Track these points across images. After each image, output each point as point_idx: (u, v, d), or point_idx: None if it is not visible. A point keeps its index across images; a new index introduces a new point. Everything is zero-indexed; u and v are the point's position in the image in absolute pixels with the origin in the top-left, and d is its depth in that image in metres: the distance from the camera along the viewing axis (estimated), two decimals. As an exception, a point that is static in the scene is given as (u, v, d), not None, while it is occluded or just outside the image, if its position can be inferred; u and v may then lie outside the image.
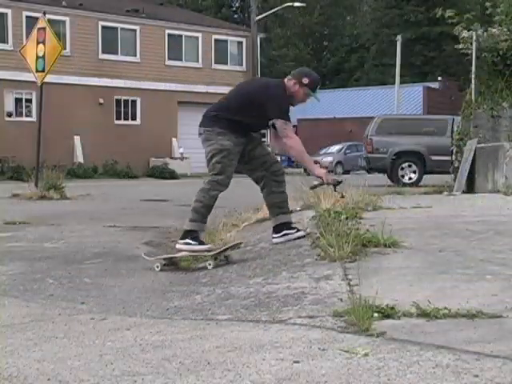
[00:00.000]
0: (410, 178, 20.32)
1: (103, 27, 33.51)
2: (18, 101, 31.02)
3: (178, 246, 6.07)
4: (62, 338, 3.70)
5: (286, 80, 6.17)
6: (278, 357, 3.10)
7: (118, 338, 3.63)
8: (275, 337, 3.45)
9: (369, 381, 2.75)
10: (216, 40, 37.59)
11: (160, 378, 2.91)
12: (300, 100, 6.22)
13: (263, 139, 6.91)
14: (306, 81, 6.09)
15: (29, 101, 30.95)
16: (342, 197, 5.67)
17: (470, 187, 12.00)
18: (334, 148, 38.80)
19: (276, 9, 42.41)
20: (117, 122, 33.92)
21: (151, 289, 5.19)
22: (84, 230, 8.83)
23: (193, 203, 6.01)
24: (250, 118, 6.02)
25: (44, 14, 15.94)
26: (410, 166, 20.59)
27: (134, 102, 34.52)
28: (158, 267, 5.92)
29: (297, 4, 40.86)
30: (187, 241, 5.97)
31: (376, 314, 3.59)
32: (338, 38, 63.45)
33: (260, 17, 39.43)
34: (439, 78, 47.84)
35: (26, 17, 29.84)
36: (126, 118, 34.40)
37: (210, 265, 5.78)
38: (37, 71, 15.39)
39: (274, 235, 6.19)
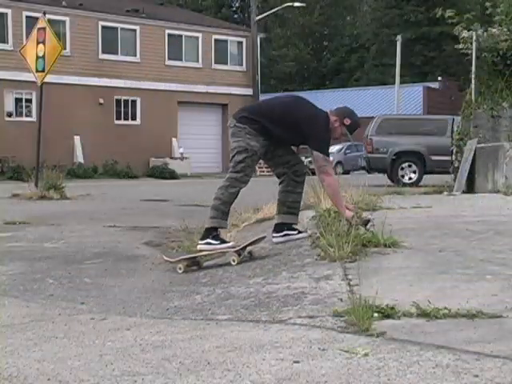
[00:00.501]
0: (410, 178, 20.32)
1: (103, 27, 33.51)
2: (18, 101, 31.03)
3: (199, 246, 6.00)
4: (62, 338, 3.70)
5: (329, 112, 6.13)
6: (278, 357, 3.10)
7: (118, 338, 3.63)
8: (275, 337, 3.45)
9: (369, 381, 2.75)
10: (216, 40, 37.59)
11: (160, 378, 2.91)
12: (335, 137, 6.19)
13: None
14: (347, 122, 6.08)
15: (29, 101, 30.96)
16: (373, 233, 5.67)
17: (470, 187, 12.00)
18: (334, 148, 38.69)
19: (276, 9, 42.39)
20: (117, 122, 33.92)
21: (151, 289, 5.19)
22: (84, 230, 8.83)
23: (212, 201, 5.97)
24: (286, 135, 6.01)
25: (44, 13, 15.93)
26: (410, 166, 20.59)
27: (133, 101, 34.52)
28: (180, 269, 5.77)
29: (297, 4, 40.82)
30: (208, 241, 5.91)
31: (376, 314, 3.59)
32: (338, 38, 63.40)
33: (260, 17, 39.42)
34: (439, 78, 47.82)
35: (26, 17, 29.85)
36: (126, 118, 34.40)
37: (234, 261, 5.69)
38: (37, 71, 15.39)
39: (275, 234, 6.17)
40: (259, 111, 6.18)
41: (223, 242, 5.96)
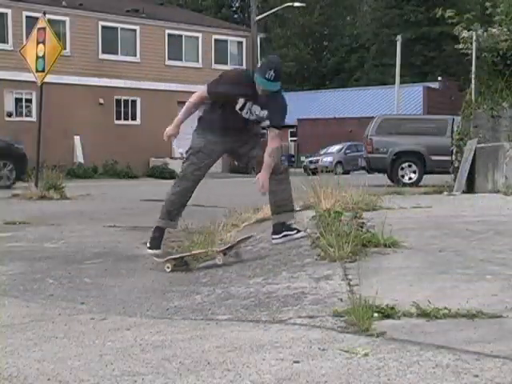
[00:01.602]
0: (410, 178, 20.32)
1: (103, 27, 33.51)
2: (18, 101, 31.04)
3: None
4: (62, 337, 3.70)
5: None
6: (278, 357, 3.10)
7: (118, 338, 3.63)
8: (275, 337, 3.44)
9: (369, 381, 2.75)
10: (216, 40, 37.59)
11: (160, 378, 2.91)
12: (258, 87, 5.86)
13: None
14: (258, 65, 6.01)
15: (29, 101, 30.96)
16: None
17: (470, 187, 11.99)
18: (334, 148, 38.80)
19: (276, 9, 42.41)
20: (117, 122, 33.92)
21: (151, 289, 5.18)
22: (84, 230, 8.83)
23: None
24: (218, 109, 5.98)
25: (44, 13, 15.93)
26: (410, 166, 20.59)
27: (134, 101, 34.53)
28: (168, 268, 5.84)
29: (297, 4, 40.87)
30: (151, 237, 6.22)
31: (376, 314, 3.59)
32: (338, 38, 63.44)
33: (260, 17, 39.43)
34: (439, 78, 47.86)
35: (26, 17, 29.84)
36: (126, 118, 34.40)
37: (219, 261, 5.74)
38: (37, 71, 15.39)
39: (274, 236, 6.16)
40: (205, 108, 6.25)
41: (156, 247, 6.17)
